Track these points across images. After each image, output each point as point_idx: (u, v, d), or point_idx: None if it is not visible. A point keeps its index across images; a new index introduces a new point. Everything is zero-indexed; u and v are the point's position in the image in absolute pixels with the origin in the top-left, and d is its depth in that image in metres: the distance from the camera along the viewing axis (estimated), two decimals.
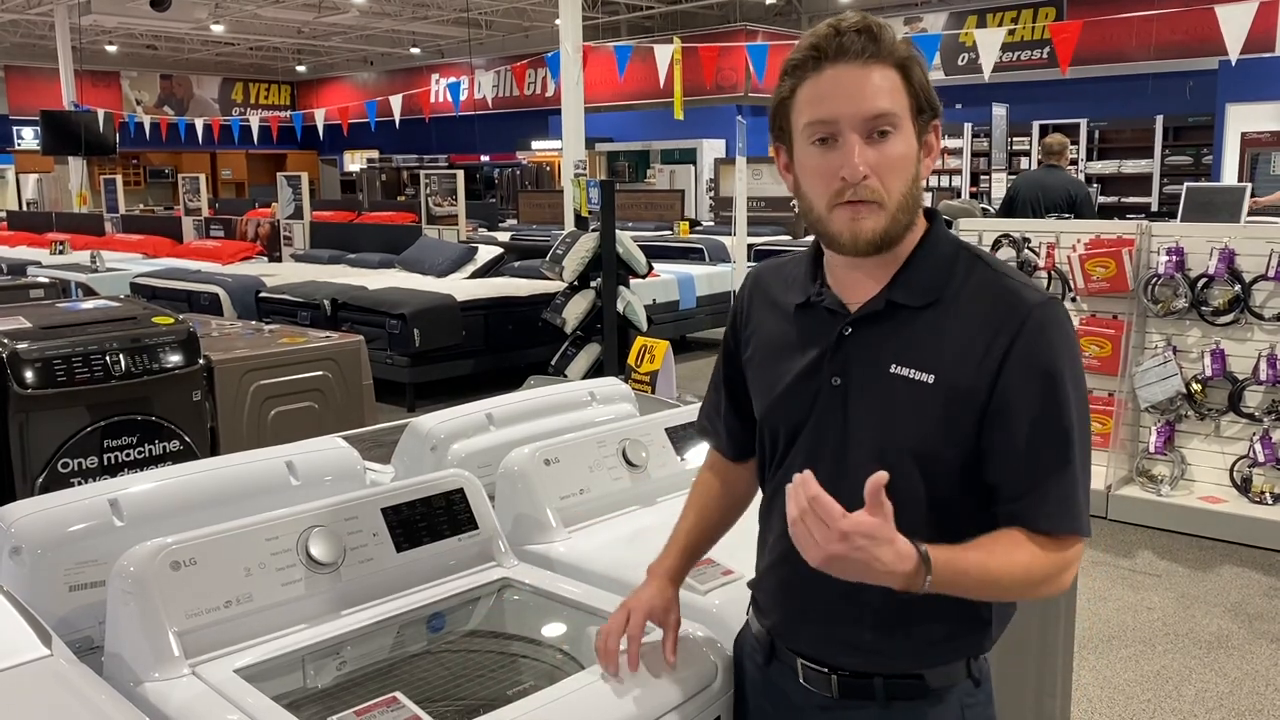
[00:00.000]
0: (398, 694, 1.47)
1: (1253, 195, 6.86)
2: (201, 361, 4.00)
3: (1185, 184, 6.21)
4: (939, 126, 1.39)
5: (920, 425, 1.36)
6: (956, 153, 16.18)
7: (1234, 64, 8.83)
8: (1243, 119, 13.16)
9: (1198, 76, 13.90)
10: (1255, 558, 4.71)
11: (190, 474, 1.92)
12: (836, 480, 1.33)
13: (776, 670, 1.53)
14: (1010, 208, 7.48)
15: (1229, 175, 12.87)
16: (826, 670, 1.46)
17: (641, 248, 7.79)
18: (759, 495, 1.66)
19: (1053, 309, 1.36)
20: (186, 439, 3.89)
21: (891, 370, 1.38)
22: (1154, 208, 14.06)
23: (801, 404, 1.45)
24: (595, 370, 7.13)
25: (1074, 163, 15.15)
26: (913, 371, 1.36)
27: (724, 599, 1.78)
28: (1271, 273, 4.84)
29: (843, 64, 1.32)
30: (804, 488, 1.23)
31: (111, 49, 22.05)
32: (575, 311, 7.29)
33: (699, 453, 2.39)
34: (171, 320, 3.93)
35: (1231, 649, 3.85)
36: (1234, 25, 7.43)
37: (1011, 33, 14.66)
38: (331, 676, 1.67)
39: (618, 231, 7.33)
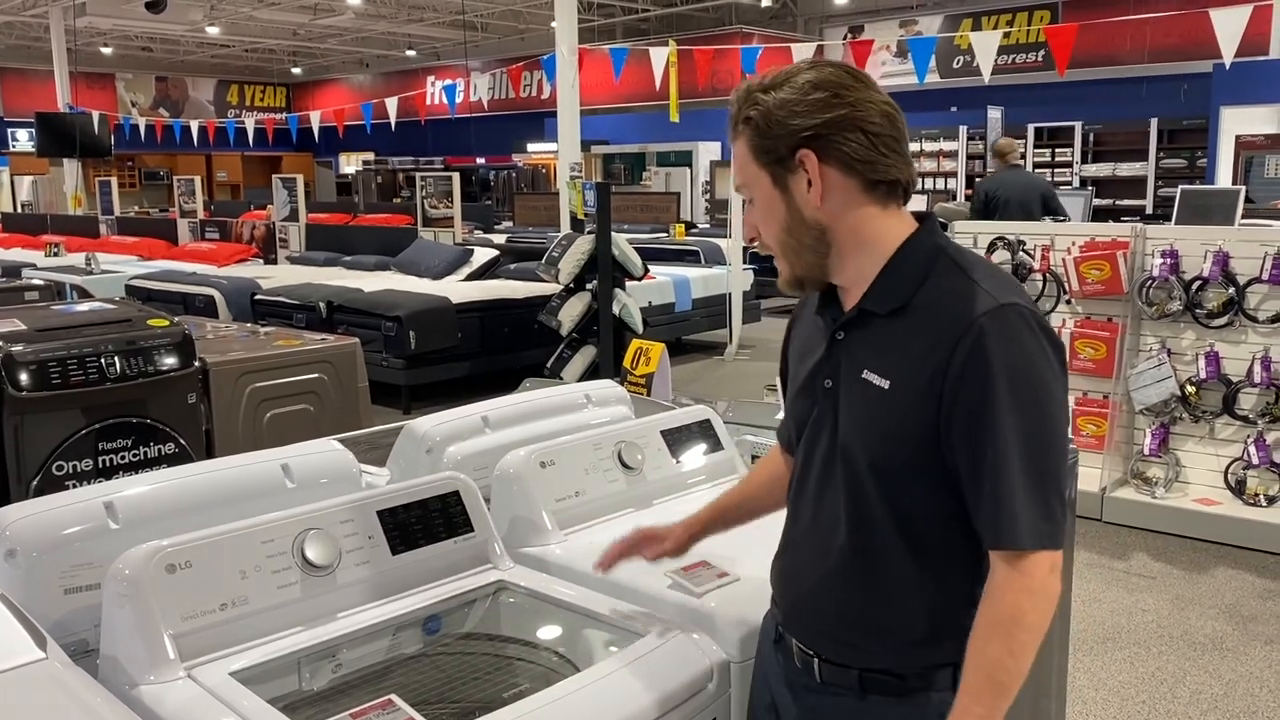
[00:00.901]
0: (393, 696, 1.47)
1: (1247, 199, 6.88)
2: (197, 364, 3.99)
3: (1180, 187, 6.23)
4: (807, 154, 1.40)
5: (877, 431, 1.41)
6: (952, 155, 16.20)
7: (1228, 67, 8.85)
8: (1237, 122, 13.18)
9: (1192, 79, 13.93)
10: (1249, 560, 4.72)
11: (185, 477, 1.91)
12: (827, 487, 1.48)
13: (781, 649, 1.59)
14: (990, 209, 7.51)
15: (1223, 178, 12.89)
16: (812, 654, 1.51)
17: (637, 250, 7.79)
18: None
19: (1003, 316, 1.34)
20: (182, 441, 3.88)
21: (862, 375, 1.43)
22: (1149, 210, 14.10)
23: (806, 404, 1.53)
24: (591, 373, 7.13)
25: (1069, 165, 15.20)
26: (875, 377, 1.41)
27: (719, 601, 1.79)
28: (1265, 275, 4.86)
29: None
30: None
31: (106, 51, 22.01)
32: (571, 314, 7.29)
33: (694, 455, 2.40)
34: (167, 322, 3.92)
35: (1226, 651, 3.86)
36: (1228, 28, 7.45)
37: (1007, 36, 14.69)
38: (327, 679, 1.67)
39: (613, 234, 7.33)
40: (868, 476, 1.42)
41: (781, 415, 1.80)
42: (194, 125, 18.20)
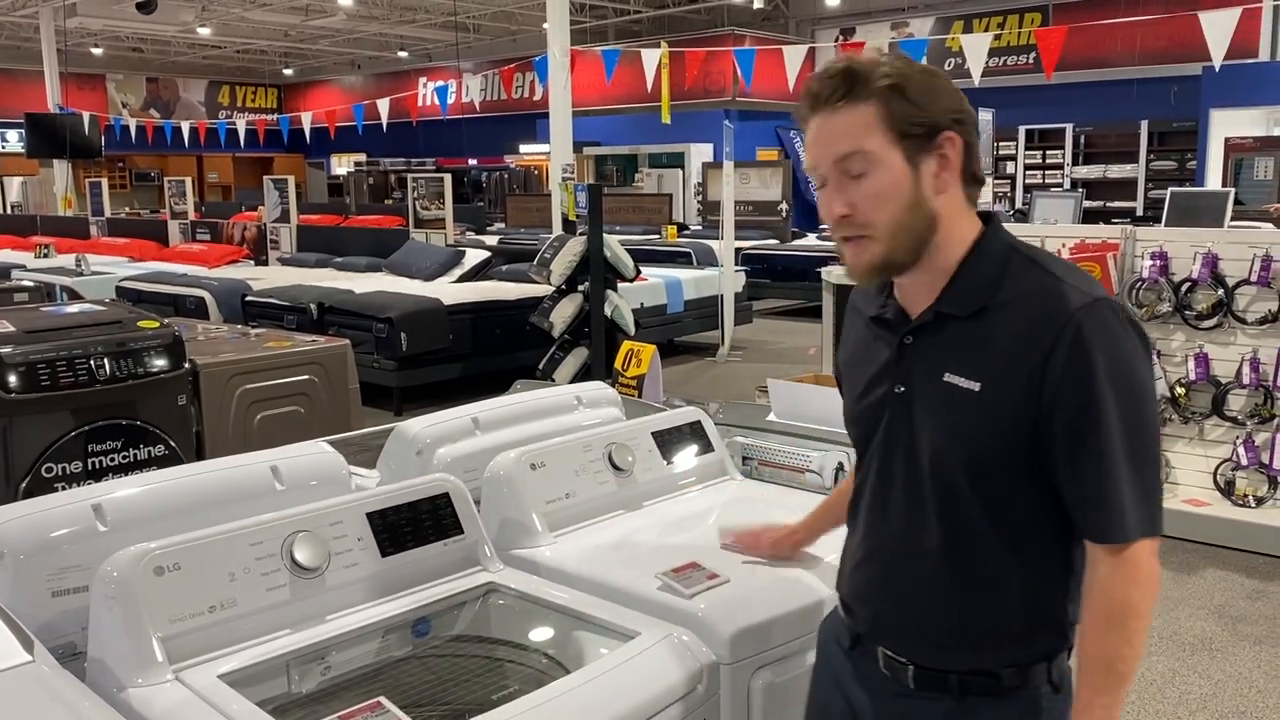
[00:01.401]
0: (382, 699, 1.47)
1: (1237, 201, 6.90)
2: (187, 365, 3.99)
3: (1169, 189, 6.25)
4: (953, 138, 1.40)
5: (970, 434, 1.40)
6: None
7: (1217, 70, 8.90)
8: (1226, 124, 13.24)
9: (1182, 82, 13.99)
10: (1238, 560, 4.74)
11: (174, 479, 1.91)
12: (911, 494, 1.46)
13: (860, 655, 1.57)
14: None
15: (1213, 180, 12.94)
16: (905, 661, 1.50)
17: (629, 251, 7.79)
18: None
19: (1097, 311, 1.35)
20: (172, 443, 3.88)
21: (945, 379, 1.42)
22: (1139, 212, 14.15)
23: (872, 410, 1.52)
24: (583, 374, 7.13)
25: (1059, 167, 15.26)
26: (962, 380, 1.40)
27: (709, 603, 1.79)
28: (1254, 277, 4.88)
29: (819, 113, 1.41)
30: None
31: (97, 51, 21.94)
32: (563, 315, 7.28)
33: (685, 456, 2.40)
34: (157, 324, 3.91)
35: (1215, 651, 3.87)
36: (1217, 31, 7.48)
37: (998, 38, 14.72)
38: (316, 682, 1.67)
39: (605, 235, 7.33)
40: (963, 478, 1.41)
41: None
42: (185, 126, 18.14)
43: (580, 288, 7.31)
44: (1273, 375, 4.83)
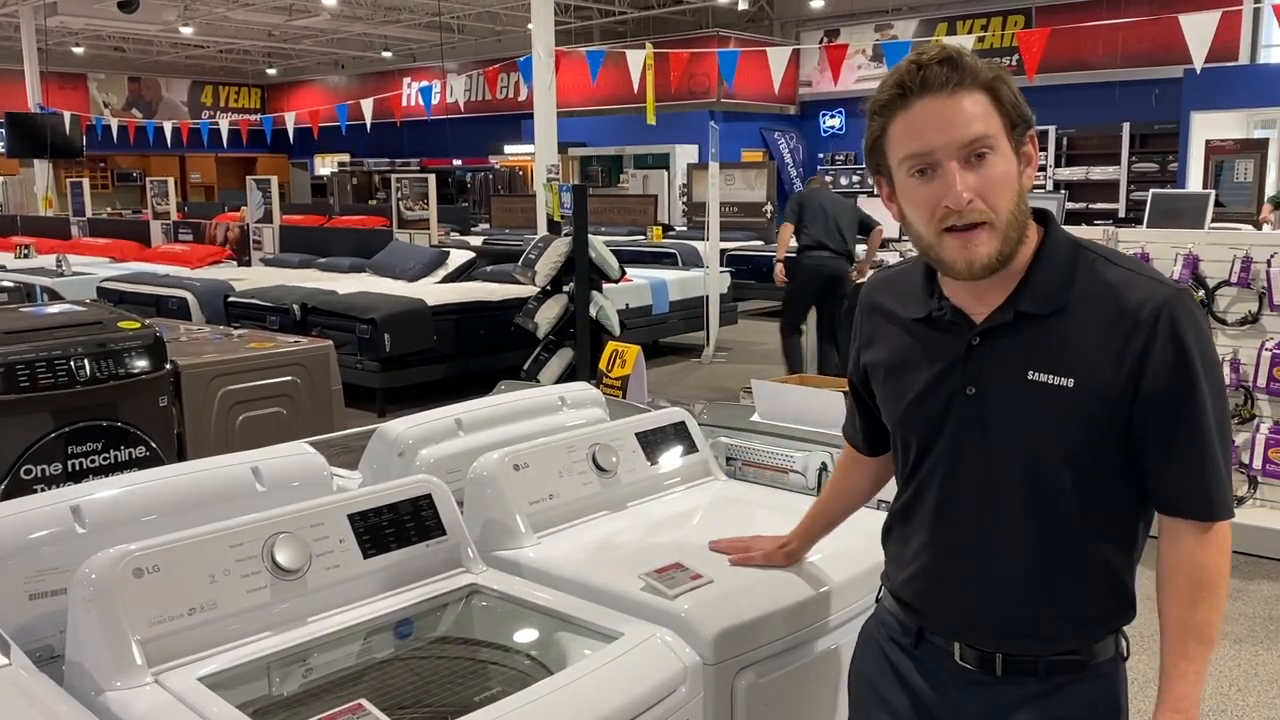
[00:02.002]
0: (363, 701, 1.46)
1: (1217, 203, 6.95)
2: (168, 366, 3.96)
3: (1151, 191, 6.28)
4: (1034, 136, 1.44)
5: (1066, 430, 1.42)
6: None
7: (1198, 72, 8.96)
8: (1207, 127, 13.34)
9: (1163, 85, 14.08)
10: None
11: (154, 480, 1.89)
12: (989, 493, 1.47)
13: (926, 651, 1.57)
14: (801, 214, 7.68)
15: (1194, 182, 13.04)
16: (991, 652, 1.51)
17: (614, 252, 7.78)
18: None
19: (1183, 301, 1.40)
20: (153, 445, 3.85)
21: (1029, 378, 1.42)
22: (1121, 214, 14.24)
23: (932, 414, 1.50)
24: (568, 375, 7.12)
25: (1043, 168, 15.33)
26: (1051, 377, 1.41)
27: (693, 603, 1.78)
28: (1234, 278, 4.91)
29: (929, 96, 1.37)
30: None
31: (78, 51, 21.78)
32: (548, 316, 7.27)
33: (669, 457, 2.40)
34: (138, 325, 3.89)
35: None
36: (1198, 35, 7.53)
37: (981, 40, 14.80)
38: (297, 684, 1.66)
39: (590, 236, 7.32)
40: (1061, 472, 1.43)
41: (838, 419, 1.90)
42: (167, 126, 18.03)
43: (565, 289, 7.30)
44: (1252, 375, 4.87)
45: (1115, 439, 1.43)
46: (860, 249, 7.86)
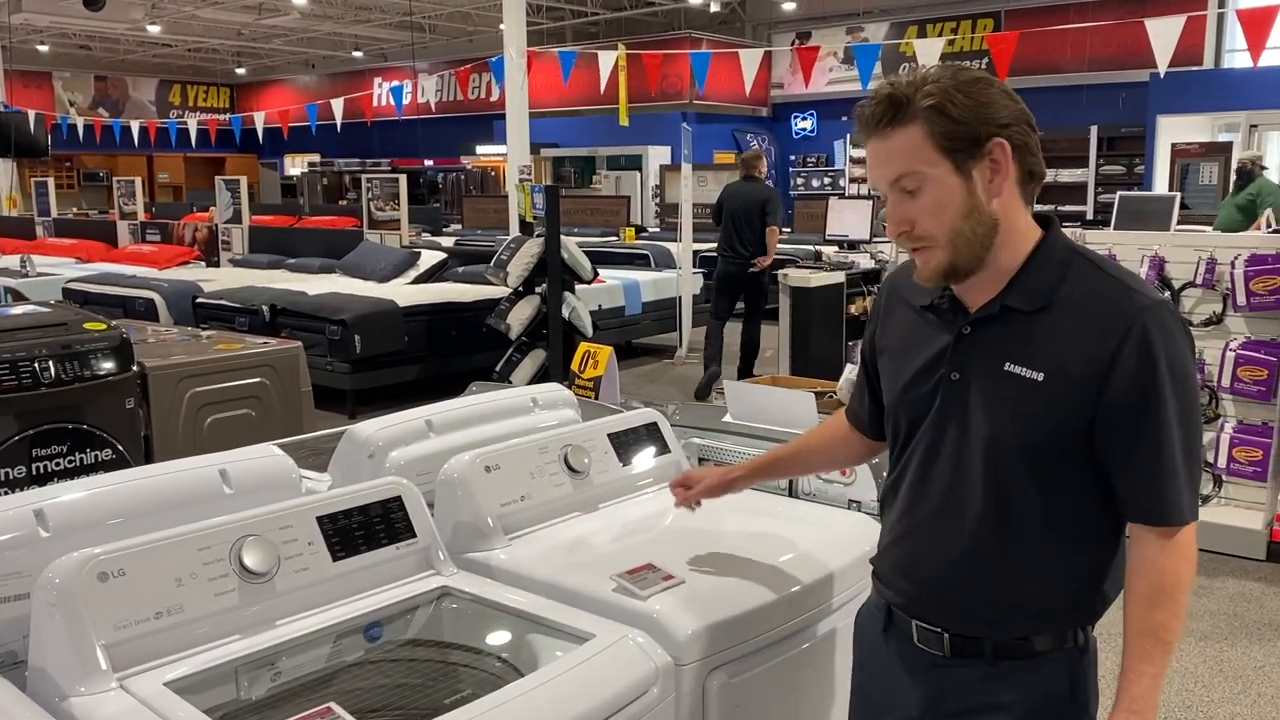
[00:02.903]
0: (332, 704, 1.45)
1: (1183, 205, 7.03)
2: (135, 368, 3.92)
3: (1118, 193, 6.35)
4: (1002, 144, 1.46)
5: (1031, 422, 1.48)
6: None
7: (1163, 76, 9.07)
8: (1173, 130, 13.51)
9: (1130, 88, 14.24)
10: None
11: (119, 483, 1.87)
12: (958, 475, 1.54)
13: (893, 635, 1.66)
14: (719, 214, 8.15)
15: (1160, 185, 13.19)
16: (939, 630, 1.58)
17: (587, 253, 7.78)
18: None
19: (1159, 314, 1.45)
20: (119, 448, 3.80)
21: (1006, 368, 1.50)
22: (1089, 215, 14.37)
23: (923, 396, 1.59)
24: (540, 376, 7.10)
25: None
26: (1024, 370, 1.49)
27: (664, 604, 1.78)
28: (1199, 280, 4.97)
29: (872, 137, 1.51)
30: None
31: (43, 49, 21.50)
32: (520, 317, 7.26)
33: (641, 458, 2.40)
34: (104, 326, 3.84)
35: None
36: (1163, 39, 7.62)
37: (951, 43, 14.89)
38: (266, 688, 1.64)
39: (563, 237, 7.31)
40: (1017, 461, 1.49)
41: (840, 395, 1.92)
42: (134, 125, 17.82)
43: (537, 289, 7.29)
44: (1216, 376, 4.93)
45: (1077, 438, 1.48)
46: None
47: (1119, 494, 1.50)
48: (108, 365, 3.74)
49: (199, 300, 8.69)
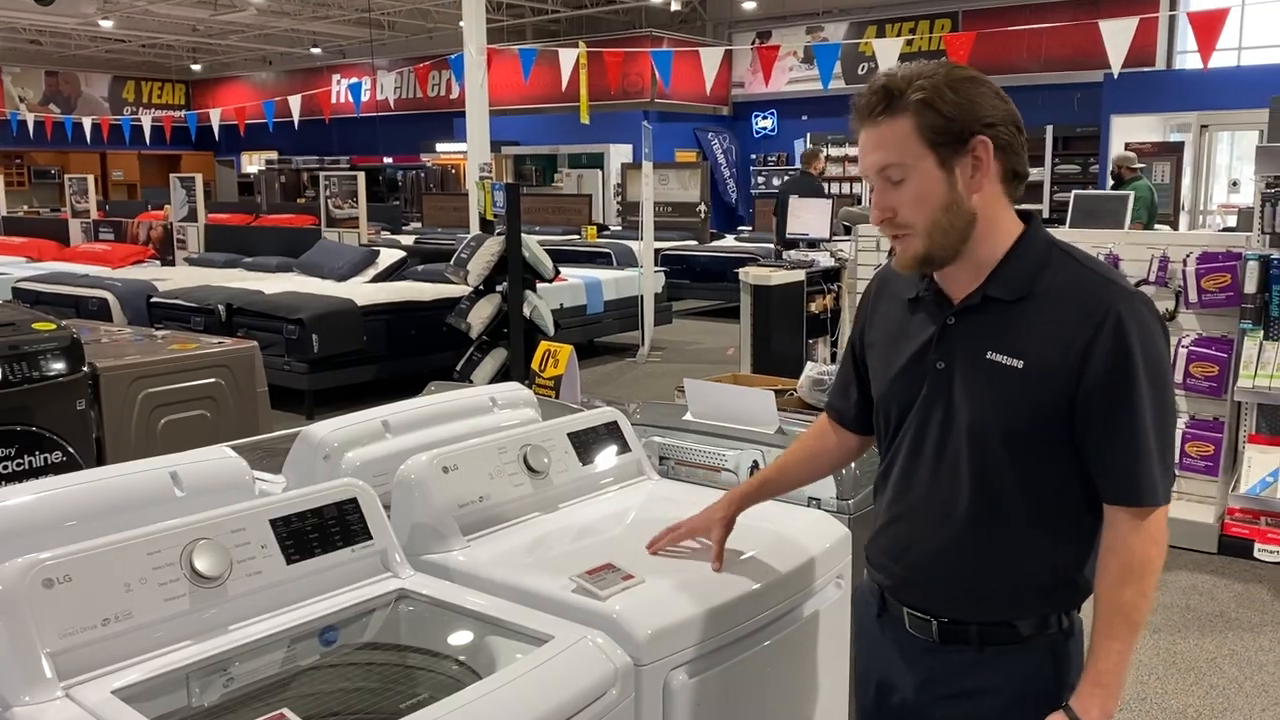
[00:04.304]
0: (285, 710, 1.42)
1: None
2: (86, 369, 3.84)
3: (1073, 192, 6.43)
4: (985, 141, 1.52)
5: (1012, 407, 1.54)
6: (856, 160, 16.49)
7: (1116, 77, 9.19)
8: (1126, 130, 13.72)
9: (1084, 89, 14.45)
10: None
11: (66, 486, 1.83)
12: (943, 461, 1.60)
13: (886, 620, 1.73)
14: (779, 206, 8.34)
15: (1152, 186, 13.39)
16: (929, 617, 1.64)
17: (549, 252, 7.75)
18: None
19: (1133, 304, 1.51)
20: (70, 450, 3.73)
21: (987, 356, 1.56)
22: (1044, 214, 14.55)
23: (911, 384, 1.64)
24: (502, 375, 7.07)
25: None
26: (1005, 357, 1.54)
27: (624, 604, 1.77)
28: (1152, 277, 5.05)
29: (864, 126, 1.57)
30: None
31: None
32: (481, 316, 7.22)
33: (601, 457, 2.38)
34: (53, 326, 3.77)
35: None
36: (1116, 40, 7.74)
37: (909, 43, 15.01)
38: (218, 694, 1.61)
39: (524, 235, 7.28)
40: (1000, 447, 1.55)
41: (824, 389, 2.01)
42: (87, 122, 17.53)
43: (498, 288, 7.25)
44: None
45: (1057, 423, 1.53)
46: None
47: (1094, 476, 1.54)
48: (57, 366, 3.67)
49: (154, 300, 8.57)
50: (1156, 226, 9.78)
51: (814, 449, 1.97)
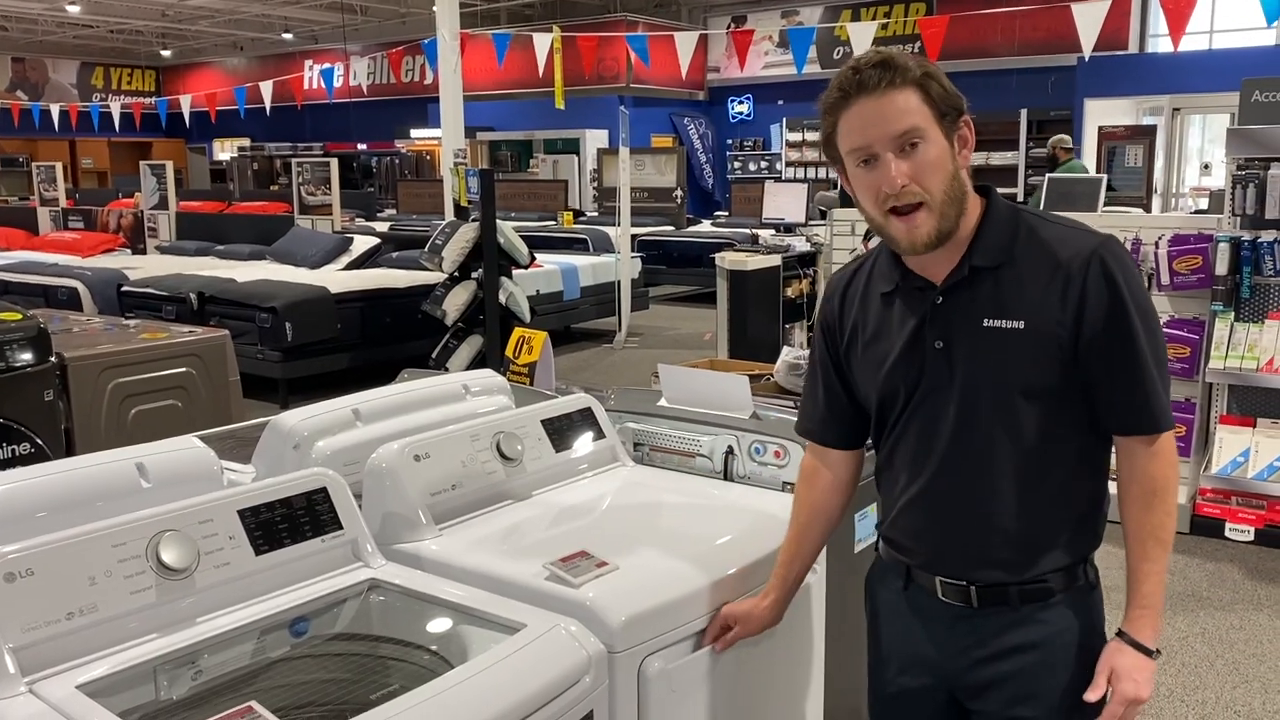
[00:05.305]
0: (254, 703, 1.40)
1: (1109, 187, 7.18)
2: (53, 359, 3.79)
3: (1047, 175, 6.46)
4: (969, 121, 1.61)
5: (1021, 365, 1.59)
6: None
7: (1087, 60, 9.23)
8: (1099, 113, 13.76)
9: (1058, 72, 14.50)
10: (1112, 532, 4.93)
11: (29, 479, 1.79)
12: (959, 431, 1.63)
13: (914, 591, 1.75)
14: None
15: (1087, 166, 13.46)
16: (965, 583, 1.67)
17: (525, 238, 7.70)
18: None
19: (1110, 247, 1.59)
20: (38, 441, 3.68)
21: (985, 324, 1.60)
22: (1019, 198, 14.62)
23: (912, 368, 1.66)
24: (478, 362, 7.03)
25: None
26: (1004, 322, 1.59)
27: (598, 591, 1.76)
28: None
29: (866, 97, 1.56)
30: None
31: None
32: (456, 303, 7.17)
33: (578, 444, 2.37)
34: (19, 316, 3.71)
35: None
36: (1088, 23, 7.77)
37: (884, 27, 15.02)
38: (187, 688, 1.59)
39: (499, 221, 7.23)
40: (1021, 404, 1.59)
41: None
42: (55, 109, 17.28)
43: (474, 275, 7.21)
44: None
45: (1066, 371, 1.59)
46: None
47: (1104, 411, 1.61)
48: (24, 356, 3.61)
49: (124, 289, 8.47)
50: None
51: (814, 505, 1.90)
